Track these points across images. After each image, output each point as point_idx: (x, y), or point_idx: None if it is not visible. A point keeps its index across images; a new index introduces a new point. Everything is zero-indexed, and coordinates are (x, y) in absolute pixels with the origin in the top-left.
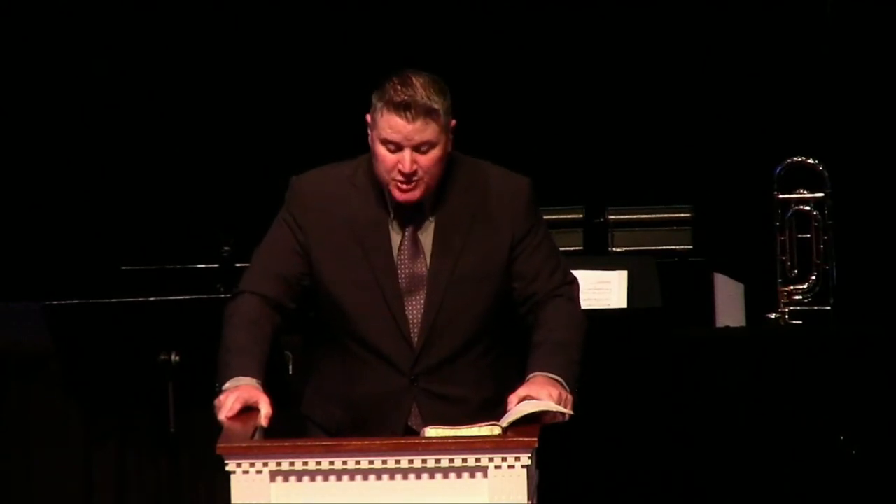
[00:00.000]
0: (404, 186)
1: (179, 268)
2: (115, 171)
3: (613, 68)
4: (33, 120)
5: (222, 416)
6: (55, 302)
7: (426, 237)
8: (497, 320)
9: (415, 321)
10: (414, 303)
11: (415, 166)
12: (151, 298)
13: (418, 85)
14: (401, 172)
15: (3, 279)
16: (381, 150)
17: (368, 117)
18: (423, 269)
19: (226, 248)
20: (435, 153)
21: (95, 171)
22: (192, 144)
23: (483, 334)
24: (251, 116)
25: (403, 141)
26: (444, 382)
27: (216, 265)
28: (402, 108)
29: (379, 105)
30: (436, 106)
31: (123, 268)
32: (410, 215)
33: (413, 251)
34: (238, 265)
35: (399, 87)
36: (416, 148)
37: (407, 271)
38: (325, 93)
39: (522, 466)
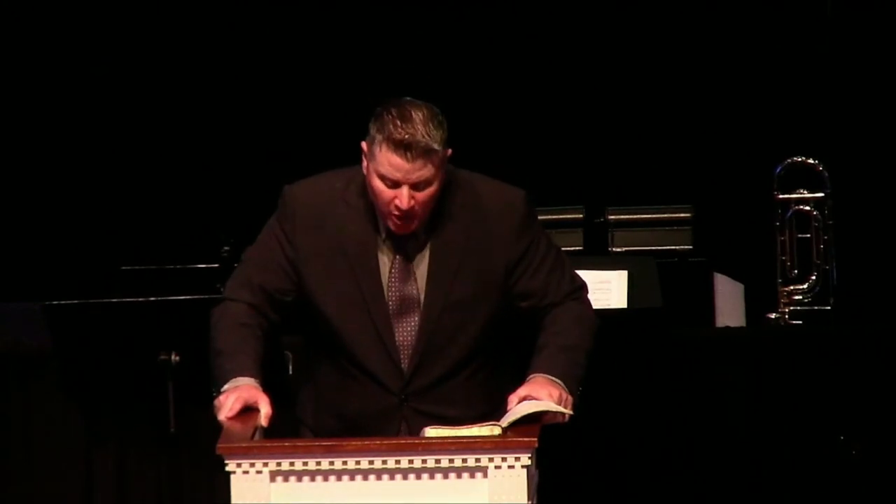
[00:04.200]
0: (399, 222)
1: (179, 268)
2: (115, 171)
3: (613, 68)
4: (33, 120)
5: (222, 416)
6: (55, 302)
7: (419, 260)
8: (490, 340)
9: (405, 344)
10: (404, 325)
11: (412, 202)
12: (151, 298)
13: (418, 121)
14: (398, 208)
15: (3, 279)
16: (378, 185)
17: (364, 145)
18: (414, 291)
19: (226, 248)
20: (431, 189)
21: (95, 171)
22: (191, 145)
23: (475, 355)
24: (251, 117)
25: (402, 179)
26: (434, 402)
27: (216, 265)
28: (403, 147)
29: (378, 138)
30: (436, 146)
31: (123, 268)
32: (402, 235)
33: (404, 274)
34: (238, 265)
35: (399, 124)
36: (414, 185)
37: (398, 293)
38: (324, 93)
39: (522, 466)
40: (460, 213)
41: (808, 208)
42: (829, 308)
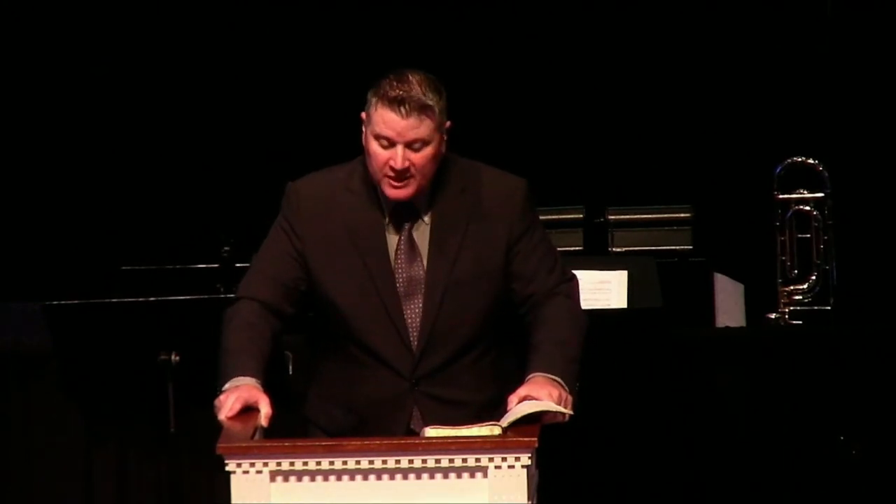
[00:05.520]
0: (395, 183)
1: (179, 268)
2: (115, 171)
3: (613, 68)
4: (33, 120)
5: (222, 416)
6: (55, 302)
7: (422, 239)
8: (496, 321)
9: (413, 325)
10: (412, 306)
11: (407, 163)
12: (151, 298)
13: (414, 82)
14: (392, 169)
15: (3, 279)
16: (374, 146)
17: (363, 115)
18: (421, 271)
19: (226, 249)
20: (428, 151)
21: (95, 171)
22: (192, 145)
23: (482, 336)
24: (251, 117)
25: (396, 137)
26: (444, 385)
27: (216, 265)
28: (397, 103)
29: (374, 100)
30: (430, 102)
31: (123, 268)
32: (406, 217)
33: (410, 254)
34: (238, 265)
35: (395, 83)
36: (409, 145)
37: (404, 275)
38: (325, 93)
39: (522, 466)
40: (462, 194)
41: (808, 208)
42: (829, 308)
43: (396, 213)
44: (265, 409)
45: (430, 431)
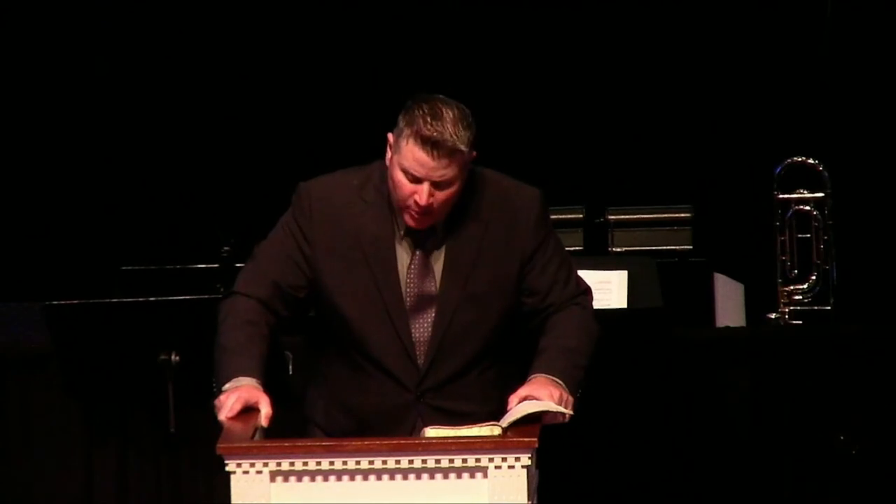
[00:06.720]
0: (417, 217)
1: (179, 268)
2: (116, 171)
3: (614, 69)
4: (33, 120)
5: (222, 416)
6: (55, 302)
7: (437, 255)
8: (504, 335)
9: (421, 340)
10: (421, 321)
11: (431, 200)
12: (151, 298)
13: (448, 120)
14: (417, 203)
15: (3, 279)
16: (400, 177)
17: (390, 137)
18: (433, 288)
19: (226, 248)
20: (452, 190)
21: (95, 171)
22: (192, 144)
23: (490, 350)
24: (252, 117)
25: (424, 176)
26: (450, 398)
27: (216, 265)
28: (430, 144)
29: (406, 132)
30: (462, 147)
31: (123, 268)
32: (420, 233)
33: (423, 270)
34: (238, 265)
35: (429, 120)
36: (436, 184)
37: (416, 290)
38: (325, 93)
39: (522, 466)
40: (478, 209)
41: (808, 208)
42: (829, 308)
43: (411, 228)
44: (265, 409)
45: (430, 431)
